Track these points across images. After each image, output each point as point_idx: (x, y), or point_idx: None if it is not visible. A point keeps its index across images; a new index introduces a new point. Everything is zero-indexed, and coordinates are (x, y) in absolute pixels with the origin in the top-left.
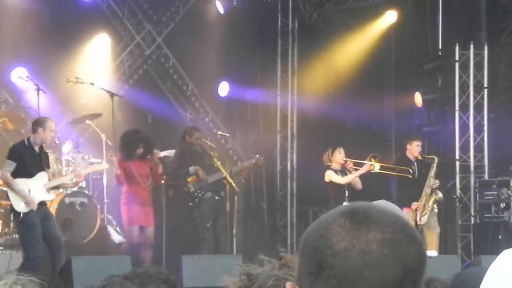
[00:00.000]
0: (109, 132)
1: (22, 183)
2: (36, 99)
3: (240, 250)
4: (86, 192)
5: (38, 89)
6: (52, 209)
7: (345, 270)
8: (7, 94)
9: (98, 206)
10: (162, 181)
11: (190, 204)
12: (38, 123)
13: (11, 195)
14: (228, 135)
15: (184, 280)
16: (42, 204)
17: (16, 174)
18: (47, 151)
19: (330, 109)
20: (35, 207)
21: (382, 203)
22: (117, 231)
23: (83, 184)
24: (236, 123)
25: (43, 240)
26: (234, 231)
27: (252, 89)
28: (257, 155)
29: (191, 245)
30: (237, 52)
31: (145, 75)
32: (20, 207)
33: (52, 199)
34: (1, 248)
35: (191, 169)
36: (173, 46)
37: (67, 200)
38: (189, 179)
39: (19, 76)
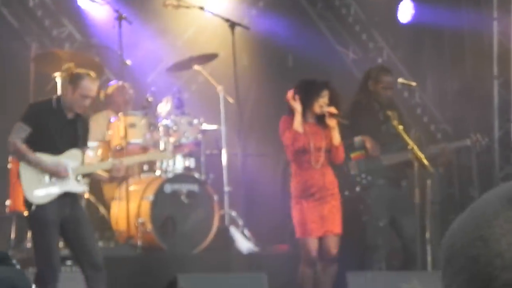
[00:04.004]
0: (229, 83)
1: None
2: (116, 34)
3: (437, 262)
4: (197, 175)
5: (119, 18)
6: (146, 201)
7: None
8: (72, 26)
9: (216, 198)
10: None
11: (346, 193)
12: (70, 79)
13: (22, 175)
14: (414, 84)
15: None
16: (67, 197)
17: (34, 146)
18: (135, 113)
19: None
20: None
21: None
22: (245, 236)
23: (191, 163)
24: (427, 64)
25: (73, 256)
26: (427, 235)
27: (452, 9)
28: (477, 135)
29: (357, 255)
30: None
31: None
32: (32, 194)
33: (82, 192)
34: (69, 263)
35: (357, 139)
36: None
37: (167, 189)
38: (352, 155)
39: None
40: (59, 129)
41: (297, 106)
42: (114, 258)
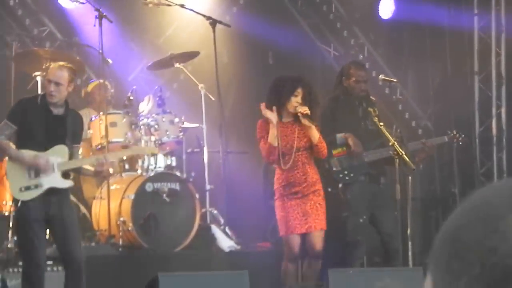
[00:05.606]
0: (210, 81)
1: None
2: (97, 32)
3: (418, 258)
4: (178, 174)
5: (99, 17)
6: (127, 200)
7: None
8: (53, 25)
9: (197, 196)
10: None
11: (329, 189)
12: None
13: (9, 172)
14: (395, 80)
15: None
16: (53, 195)
17: (20, 143)
18: (116, 112)
19: None
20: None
21: None
22: (226, 234)
23: (173, 161)
24: (408, 60)
25: (59, 252)
26: (408, 231)
27: (432, 5)
28: (454, 132)
29: (338, 252)
30: None
31: None
32: (16, 190)
33: (67, 187)
34: (49, 263)
35: (339, 136)
36: None
37: (148, 187)
38: (333, 152)
39: None
40: (44, 125)
41: (273, 118)
42: (96, 257)
